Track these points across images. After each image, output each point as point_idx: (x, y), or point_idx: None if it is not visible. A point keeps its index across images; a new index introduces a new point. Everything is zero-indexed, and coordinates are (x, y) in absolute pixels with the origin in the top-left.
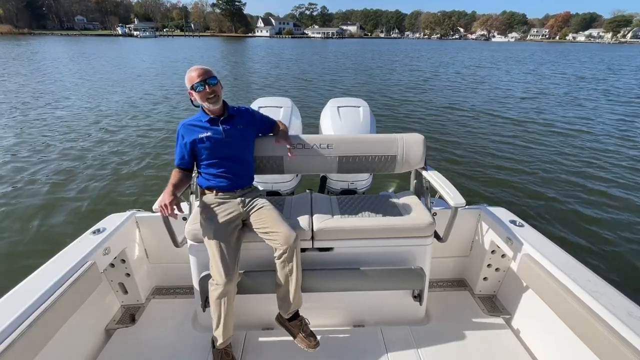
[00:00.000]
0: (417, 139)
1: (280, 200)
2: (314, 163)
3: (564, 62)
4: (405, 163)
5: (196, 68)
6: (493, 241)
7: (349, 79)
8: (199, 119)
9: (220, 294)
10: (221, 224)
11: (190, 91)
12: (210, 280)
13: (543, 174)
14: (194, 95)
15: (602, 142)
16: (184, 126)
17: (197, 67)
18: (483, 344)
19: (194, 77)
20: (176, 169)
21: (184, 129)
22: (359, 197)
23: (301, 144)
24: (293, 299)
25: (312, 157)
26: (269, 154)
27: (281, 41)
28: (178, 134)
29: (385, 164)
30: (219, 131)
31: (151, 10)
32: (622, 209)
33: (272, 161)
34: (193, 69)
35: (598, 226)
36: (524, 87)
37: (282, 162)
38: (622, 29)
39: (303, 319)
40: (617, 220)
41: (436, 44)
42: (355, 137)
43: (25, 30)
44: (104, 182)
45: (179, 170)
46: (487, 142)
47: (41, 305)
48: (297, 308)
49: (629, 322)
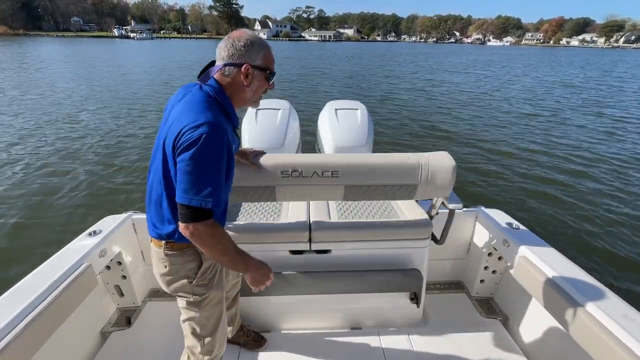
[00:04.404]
0: (446, 164)
1: (277, 203)
2: (312, 193)
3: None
4: (427, 193)
5: (269, 45)
6: (490, 243)
7: (348, 81)
8: (225, 118)
9: None
10: (220, 279)
11: (259, 73)
12: (199, 352)
13: (540, 176)
14: (255, 82)
15: (602, 143)
16: (228, 134)
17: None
18: (480, 346)
19: (272, 59)
20: (210, 220)
21: (230, 135)
22: None
23: (298, 172)
24: (238, 319)
25: (311, 187)
26: (257, 184)
27: (278, 43)
28: (225, 150)
29: (401, 193)
30: (237, 144)
31: (148, 12)
32: (618, 211)
33: (262, 191)
34: (267, 44)
35: (595, 228)
36: (523, 87)
37: (273, 192)
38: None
39: (244, 327)
40: (613, 222)
41: (433, 47)
42: (367, 161)
43: (21, 31)
44: (100, 183)
45: (214, 221)
46: (484, 144)
47: (36, 308)
48: (239, 324)
49: (625, 324)
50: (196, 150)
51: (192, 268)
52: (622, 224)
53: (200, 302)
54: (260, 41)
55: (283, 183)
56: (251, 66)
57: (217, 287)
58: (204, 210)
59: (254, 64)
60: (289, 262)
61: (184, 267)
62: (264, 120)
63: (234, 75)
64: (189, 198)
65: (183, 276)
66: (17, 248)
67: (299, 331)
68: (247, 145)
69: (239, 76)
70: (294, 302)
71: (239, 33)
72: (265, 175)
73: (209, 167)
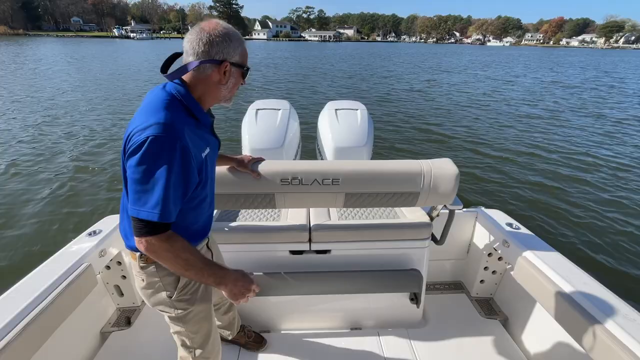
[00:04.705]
0: (449, 171)
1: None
2: (312, 200)
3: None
4: (429, 201)
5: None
6: (490, 244)
7: (347, 82)
8: (188, 118)
9: None
10: (206, 291)
11: (236, 70)
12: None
13: (539, 177)
14: (232, 79)
15: (602, 144)
16: (185, 138)
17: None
18: (480, 347)
19: (247, 53)
20: (166, 233)
21: (189, 138)
22: None
23: (298, 179)
24: (237, 322)
25: (311, 194)
26: (256, 191)
27: (278, 44)
28: (179, 155)
29: (402, 201)
30: (215, 145)
31: (148, 12)
32: (618, 212)
33: (261, 198)
34: (241, 38)
35: (594, 229)
36: (523, 89)
37: (273, 199)
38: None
39: (244, 327)
40: (613, 223)
41: (433, 47)
42: (369, 168)
43: (21, 31)
44: (100, 183)
45: (172, 232)
46: (483, 144)
47: (36, 307)
48: (240, 325)
49: (625, 324)
50: (141, 155)
51: (170, 282)
52: (622, 224)
53: (184, 317)
54: (237, 35)
55: (283, 190)
56: (230, 63)
57: (202, 301)
58: (156, 223)
59: (233, 61)
60: (289, 262)
61: (161, 281)
62: (264, 121)
63: (209, 73)
64: (137, 210)
65: (161, 290)
66: (17, 247)
67: (299, 331)
68: (248, 146)
69: (215, 74)
70: (293, 302)
71: (213, 25)
72: (265, 182)
73: (157, 173)
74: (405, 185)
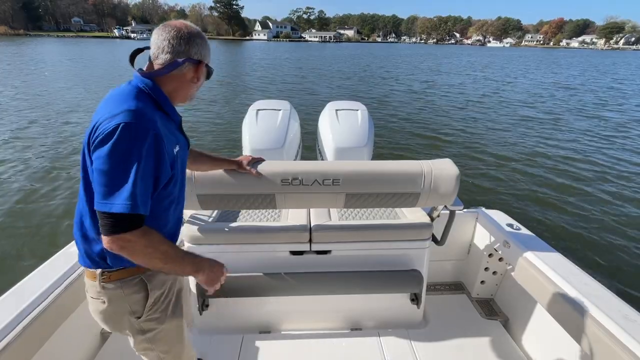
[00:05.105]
0: (450, 172)
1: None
2: (313, 201)
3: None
4: (430, 201)
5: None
6: (490, 244)
7: (347, 82)
8: (158, 111)
9: None
10: (177, 305)
11: (204, 69)
12: None
13: (540, 177)
14: (202, 78)
15: (602, 145)
16: (158, 127)
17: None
18: (480, 348)
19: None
20: (142, 228)
21: (161, 128)
22: None
23: (298, 179)
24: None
25: (312, 195)
26: (256, 191)
27: (279, 44)
28: (152, 143)
29: (403, 201)
30: (184, 144)
31: (148, 13)
32: (618, 212)
33: (261, 199)
34: (204, 36)
35: (596, 229)
36: (523, 89)
37: (273, 200)
38: (615, 36)
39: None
40: (614, 223)
41: (433, 48)
42: (369, 169)
43: (21, 32)
44: None
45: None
46: (484, 144)
47: (36, 308)
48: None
49: (626, 325)
50: (113, 143)
51: (138, 300)
52: (622, 224)
53: (153, 338)
54: (204, 35)
55: (283, 191)
56: (205, 64)
57: (174, 317)
58: (132, 216)
59: (206, 62)
60: (289, 262)
61: (127, 301)
62: (264, 121)
63: (185, 71)
64: (109, 203)
65: (127, 312)
66: (17, 248)
67: (299, 332)
68: (248, 146)
69: (190, 72)
70: (294, 303)
71: (184, 24)
72: (265, 183)
73: (130, 162)
74: (405, 185)
